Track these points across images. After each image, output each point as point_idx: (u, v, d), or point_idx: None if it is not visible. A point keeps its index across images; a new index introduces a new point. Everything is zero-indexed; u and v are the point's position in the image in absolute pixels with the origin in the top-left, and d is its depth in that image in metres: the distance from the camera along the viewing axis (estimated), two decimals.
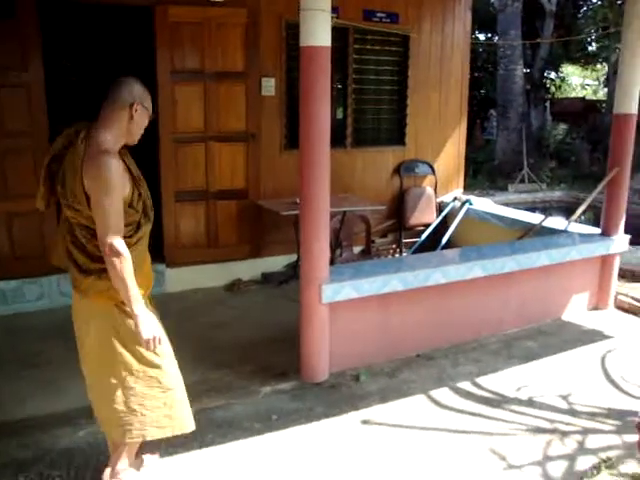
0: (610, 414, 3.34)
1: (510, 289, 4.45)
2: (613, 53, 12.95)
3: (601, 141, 12.49)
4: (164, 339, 2.41)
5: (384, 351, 3.95)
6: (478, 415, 3.32)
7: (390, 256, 6.36)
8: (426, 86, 6.36)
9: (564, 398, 3.51)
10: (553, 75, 15.93)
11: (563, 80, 17.51)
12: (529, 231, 5.24)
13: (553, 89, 16.13)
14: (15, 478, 2.69)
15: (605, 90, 16.88)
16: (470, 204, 6.35)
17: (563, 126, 14.88)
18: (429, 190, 6.52)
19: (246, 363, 3.89)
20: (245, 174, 5.42)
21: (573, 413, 3.35)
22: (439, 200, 6.63)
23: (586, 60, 17.02)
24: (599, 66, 17.90)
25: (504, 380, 3.73)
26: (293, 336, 3.74)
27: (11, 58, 4.45)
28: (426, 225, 6.45)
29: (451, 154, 6.73)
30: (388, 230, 6.45)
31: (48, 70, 4.65)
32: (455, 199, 6.55)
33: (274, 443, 3.02)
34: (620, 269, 5.05)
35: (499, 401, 3.48)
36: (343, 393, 3.54)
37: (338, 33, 5.48)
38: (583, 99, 18.19)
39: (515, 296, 4.49)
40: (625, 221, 4.88)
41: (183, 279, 5.21)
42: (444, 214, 6.50)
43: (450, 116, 6.63)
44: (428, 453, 2.96)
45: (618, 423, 3.24)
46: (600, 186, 4.89)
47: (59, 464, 2.79)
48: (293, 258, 5.54)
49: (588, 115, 15.32)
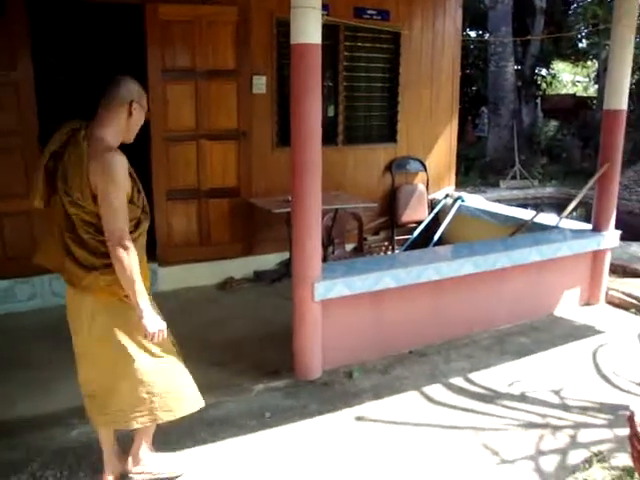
0: (602, 408, 3.36)
1: (502, 285, 4.47)
2: (603, 50, 13.01)
3: (592, 137, 12.55)
4: (167, 332, 2.48)
5: (377, 348, 3.96)
6: (471, 411, 3.34)
7: (382, 253, 6.36)
8: (417, 83, 6.37)
9: (556, 393, 3.53)
10: (544, 72, 15.97)
11: (554, 77, 17.57)
12: (521, 227, 5.25)
13: (544, 86, 16.18)
14: (7, 479, 2.68)
15: (596, 87, 16.95)
16: (462, 201, 6.35)
17: (554, 123, 14.93)
18: (421, 187, 6.53)
19: (239, 361, 3.89)
20: (237, 172, 5.42)
21: (565, 408, 3.37)
22: (431, 197, 6.64)
23: (576, 57, 17.11)
24: (589, 63, 17.98)
25: (496, 376, 3.75)
26: (286, 334, 3.74)
27: (0, 56, 4.41)
28: (418, 222, 6.46)
29: (443, 151, 6.74)
30: (380, 227, 6.45)
31: (36, 68, 4.61)
32: (447, 196, 6.56)
33: (268, 440, 3.02)
34: (611, 264, 5.08)
35: (491, 397, 3.49)
36: (336, 390, 3.54)
37: (329, 31, 5.47)
38: (574, 96, 18.27)
39: (507, 292, 4.50)
40: (615, 217, 4.91)
41: (175, 278, 5.20)
42: (436, 211, 6.51)
43: (441, 113, 6.64)
44: (421, 449, 2.98)
45: (609, 417, 3.27)
46: (591, 182, 4.92)
47: (52, 464, 2.78)
48: (285, 256, 5.54)
49: (579, 111, 15.40)
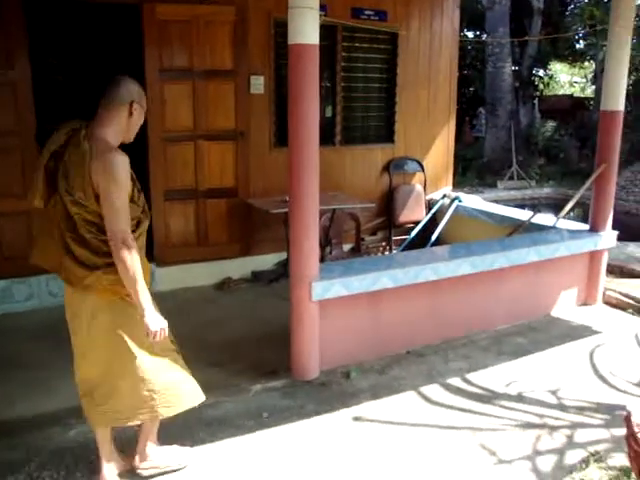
0: (599, 408, 3.37)
1: (499, 285, 4.47)
2: (600, 51, 13.04)
3: (589, 138, 12.58)
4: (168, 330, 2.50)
5: (374, 348, 3.96)
6: (468, 411, 3.34)
7: (380, 253, 6.36)
8: (415, 84, 6.38)
9: (553, 393, 3.53)
10: (541, 73, 16.00)
11: (551, 77, 17.61)
12: (518, 228, 5.26)
13: (541, 86, 16.20)
14: (5, 479, 2.68)
15: (593, 87, 16.99)
16: (459, 201, 6.36)
17: (551, 123, 14.97)
18: (418, 187, 6.53)
19: (237, 361, 3.89)
20: (234, 172, 5.42)
21: (562, 408, 3.37)
22: (428, 197, 6.64)
23: (574, 58, 17.15)
24: (587, 64, 18.02)
25: (494, 376, 3.75)
26: (283, 334, 3.74)
27: None
28: (415, 222, 6.47)
29: (440, 151, 6.74)
30: (378, 228, 6.46)
31: (34, 68, 4.61)
32: (444, 196, 6.57)
33: (265, 441, 3.02)
34: (608, 265, 5.09)
35: (489, 397, 3.50)
36: (334, 390, 3.54)
37: (326, 31, 5.47)
38: (571, 96, 18.31)
39: (505, 292, 4.51)
40: (612, 217, 4.92)
41: (173, 278, 5.19)
42: (433, 211, 6.52)
43: (439, 114, 6.64)
44: (419, 449, 2.98)
45: (606, 417, 3.27)
46: (588, 182, 4.92)
47: (49, 464, 2.78)
48: (283, 256, 5.54)
49: (576, 112, 15.44)
